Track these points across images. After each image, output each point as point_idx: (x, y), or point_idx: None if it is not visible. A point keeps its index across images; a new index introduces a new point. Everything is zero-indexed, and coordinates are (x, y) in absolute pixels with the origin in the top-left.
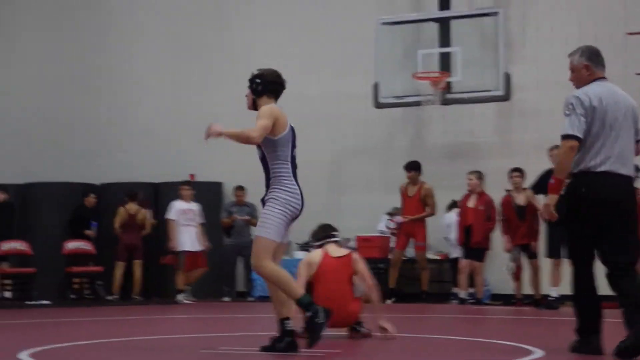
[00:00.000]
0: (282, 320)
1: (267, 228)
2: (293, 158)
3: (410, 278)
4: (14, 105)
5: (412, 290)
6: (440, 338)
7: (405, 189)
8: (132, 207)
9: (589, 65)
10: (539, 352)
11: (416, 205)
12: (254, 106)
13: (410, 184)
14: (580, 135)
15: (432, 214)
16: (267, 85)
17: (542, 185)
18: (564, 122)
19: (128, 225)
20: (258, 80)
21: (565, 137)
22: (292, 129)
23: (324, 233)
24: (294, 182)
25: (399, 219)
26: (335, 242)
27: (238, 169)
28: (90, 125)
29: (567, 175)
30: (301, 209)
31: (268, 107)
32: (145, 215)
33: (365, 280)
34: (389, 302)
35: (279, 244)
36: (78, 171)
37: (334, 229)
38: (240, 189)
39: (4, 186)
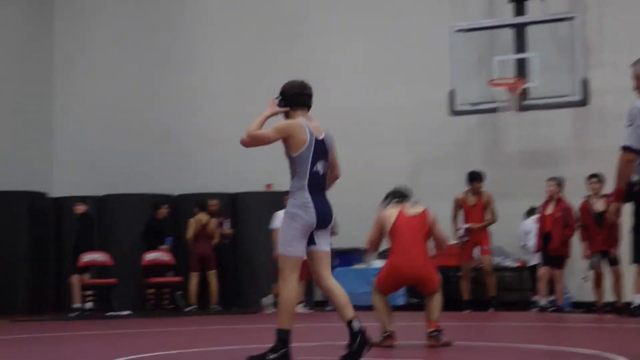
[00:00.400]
0: (349, 323)
1: (282, 244)
2: (314, 173)
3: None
4: (92, 118)
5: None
6: (521, 346)
7: (464, 199)
8: (203, 217)
9: None
10: None
11: (479, 214)
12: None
13: (470, 194)
14: (638, 147)
15: (494, 220)
16: (288, 99)
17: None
18: (623, 132)
19: (200, 236)
20: (280, 97)
21: (624, 148)
22: (319, 143)
23: (398, 195)
24: (308, 195)
25: (466, 225)
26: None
27: None
28: (168, 136)
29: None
30: (320, 220)
31: (284, 123)
32: (215, 225)
33: (439, 237)
34: (466, 312)
35: (318, 253)
36: (155, 182)
37: (407, 192)
38: None
39: (83, 198)
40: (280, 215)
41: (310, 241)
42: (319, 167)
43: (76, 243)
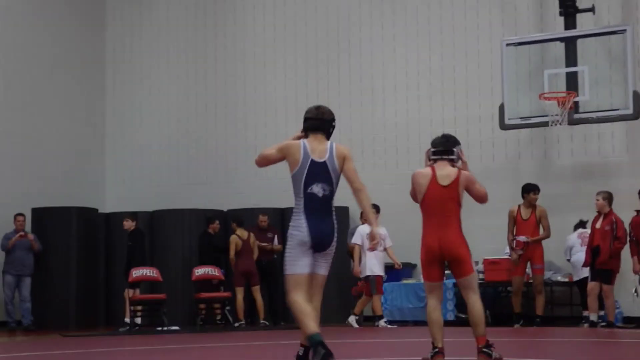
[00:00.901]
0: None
1: (285, 264)
2: (309, 194)
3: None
4: (143, 134)
5: (544, 314)
6: None
7: (518, 212)
8: (242, 233)
9: None
10: None
11: (533, 228)
12: None
13: (524, 207)
14: None
15: (548, 235)
16: (304, 124)
17: None
18: None
19: (241, 251)
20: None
21: None
22: (317, 164)
23: (436, 146)
24: (302, 217)
25: (523, 238)
26: (449, 160)
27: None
28: (217, 151)
29: None
30: (316, 242)
31: (282, 143)
32: (254, 240)
33: (478, 196)
34: (517, 326)
35: (306, 276)
36: (205, 197)
37: (447, 144)
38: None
39: (134, 214)
40: (360, 229)
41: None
42: (316, 189)
43: (128, 258)
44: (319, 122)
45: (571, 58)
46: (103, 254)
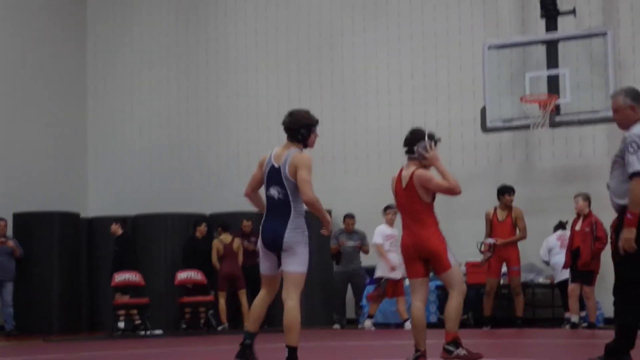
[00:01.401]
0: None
1: None
2: (268, 197)
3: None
4: (125, 139)
5: (525, 316)
6: None
7: (494, 215)
8: (226, 237)
9: (634, 105)
10: None
11: (509, 230)
12: None
13: (500, 209)
14: None
15: (524, 237)
16: None
17: None
18: (629, 159)
19: (225, 256)
20: None
21: (638, 174)
22: (273, 169)
23: (405, 145)
24: (264, 218)
25: (490, 240)
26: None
27: (347, 197)
28: (200, 156)
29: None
30: (268, 242)
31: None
32: (239, 244)
33: (443, 190)
34: (485, 328)
35: (265, 276)
36: (188, 202)
37: (410, 140)
38: (349, 217)
39: (116, 219)
40: (379, 229)
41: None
42: (272, 191)
43: (114, 264)
44: (287, 130)
45: (552, 61)
46: (85, 259)
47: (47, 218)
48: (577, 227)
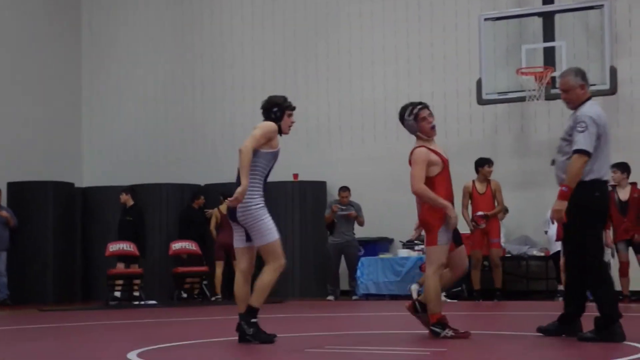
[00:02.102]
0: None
1: None
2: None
3: (517, 275)
4: (120, 109)
5: (520, 288)
6: (541, 335)
7: (474, 187)
8: (224, 207)
9: (584, 84)
10: None
11: (491, 202)
12: None
13: (478, 181)
14: (591, 151)
15: (502, 209)
16: None
17: None
18: (576, 137)
19: (223, 225)
20: None
21: (581, 152)
22: None
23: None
24: None
25: (481, 213)
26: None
27: (342, 168)
28: (195, 127)
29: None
30: (230, 213)
31: None
32: None
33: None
34: (477, 302)
35: (238, 249)
36: (183, 172)
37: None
38: (344, 189)
39: (132, 188)
40: None
41: None
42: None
43: (123, 233)
44: (262, 111)
45: (549, 33)
46: (80, 229)
47: (41, 187)
48: None
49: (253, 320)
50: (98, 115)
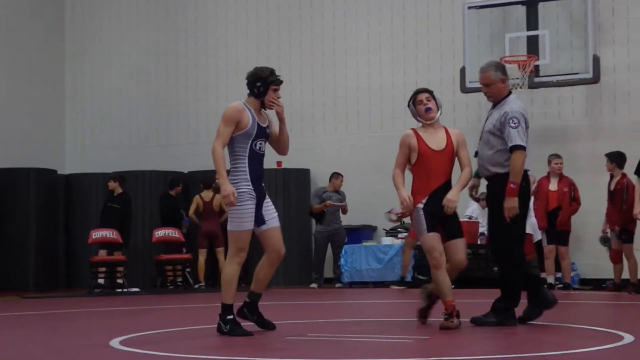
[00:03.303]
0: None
1: None
2: None
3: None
4: (104, 95)
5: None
6: (528, 323)
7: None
8: (207, 194)
9: (504, 78)
10: (629, 338)
11: None
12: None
13: None
14: (526, 145)
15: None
16: None
17: None
18: (511, 133)
19: (205, 213)
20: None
21: (520, 147)
22: None
23: None
24: None
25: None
26: None
27: (326, 156)
28: (180, 113)
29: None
30: None
31: None
32: (220, 201)
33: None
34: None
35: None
36: (166, 159)
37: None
38: (337, 175)
39: (121, 175)
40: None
41: None
42: None
43: (110, 222)
44: (246, 83)
45: (532, 22)
46: (63, 216)
47: (24, 174)
48: (553, 188)
49: (229, 317)
50: (81, 102)
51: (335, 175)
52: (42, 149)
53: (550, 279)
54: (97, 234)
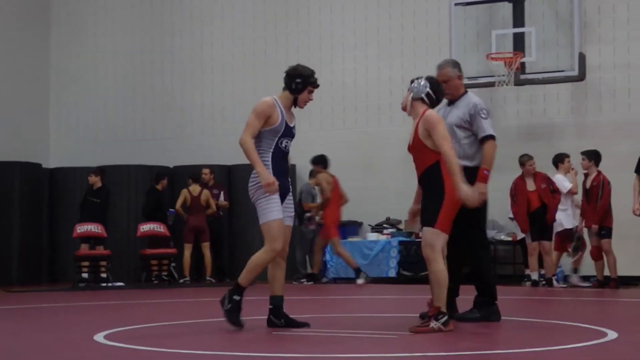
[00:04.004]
0: None
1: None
2: None
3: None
4: (89, 89)
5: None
6: (511, 320)
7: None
8: (195, 188)
9: (460, 75)
10: (612, 334)
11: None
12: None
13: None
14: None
15: (328, 198)
16: None
17: None
18: (482, 124)
19: (192, 207)
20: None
21: (492, 137)
22: None
23: None
24: None
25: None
26: None
27: (312, 151)
28: (166, 108)
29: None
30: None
31: None
32: (209, 196)
33: None
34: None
35: None
36: (153, 154)
37: None
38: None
39: (101, 169)
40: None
41: None
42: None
43: (88, 216)
44: (285, 76)
45: (519, 19)
46: (47, 210)
47: (8, 168)
48: (531, 188)
49: (236, 297)
50: (66, 95)
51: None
52: (27, 143)
53: (535, 276)
54: (82, 228)
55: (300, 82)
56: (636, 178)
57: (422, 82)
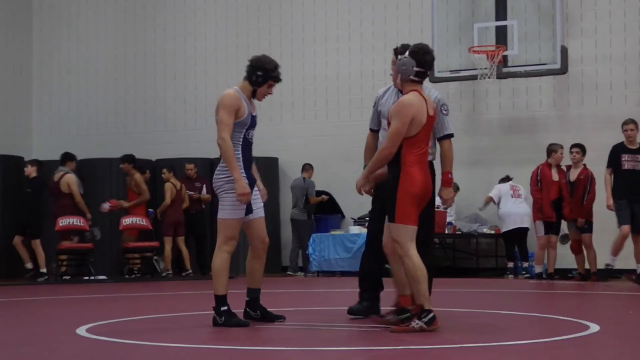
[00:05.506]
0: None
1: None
2: None
3: (467, 252)
4: (72, 82)
5: (469, 265)
6: (493, 313)
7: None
8: (176, 182)
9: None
10: (594, 327)
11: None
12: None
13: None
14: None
15: (147, 199)
16: None
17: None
18: (445, 121)
19: (175, 201)
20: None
21: (452, 136)
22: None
23: None
24: None
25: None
26: None
27: (294, 144)
28: (148, 101)
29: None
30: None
31: None
32: (185, 190)
33: None
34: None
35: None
36: (135, 147)
37: None
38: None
39: (39, 161)
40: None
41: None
42: None
43: (29, 207)
44: (247, 67)
45: (501, 12)
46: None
47: None
48: (555, 178)
49: (222, 308)
50: (48, 88)
51: (308, 166)
52: (9, 136)
53: (539, 269)
54: (64, 222)
55: (261, 75)
56: (606, 172)
57: (407, 59)
